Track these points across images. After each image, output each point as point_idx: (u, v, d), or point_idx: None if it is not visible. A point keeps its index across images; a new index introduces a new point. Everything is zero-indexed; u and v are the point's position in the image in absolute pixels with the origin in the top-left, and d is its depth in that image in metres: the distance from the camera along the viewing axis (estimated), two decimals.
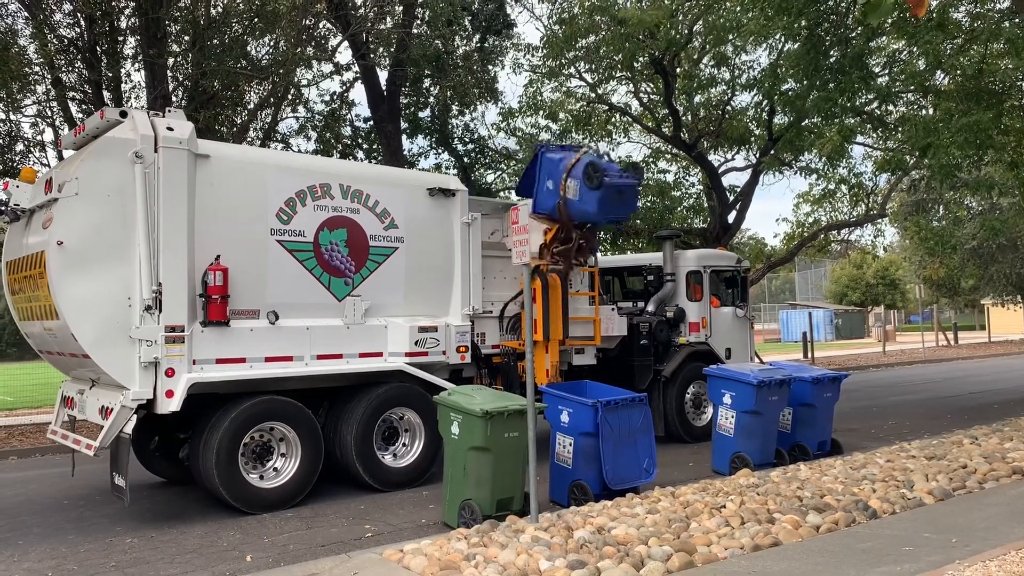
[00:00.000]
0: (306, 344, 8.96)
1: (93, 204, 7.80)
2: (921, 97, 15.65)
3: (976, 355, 32.59)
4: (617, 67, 19.89)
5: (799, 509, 7.14)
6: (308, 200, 9.11)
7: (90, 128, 8.53)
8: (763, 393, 9.59)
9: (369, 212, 9.60)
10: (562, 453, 8.30)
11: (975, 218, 26.24)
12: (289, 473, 8.68)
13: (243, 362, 8.51)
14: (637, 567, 5.72)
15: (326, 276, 9.21)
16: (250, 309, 8.65)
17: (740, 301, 13.79)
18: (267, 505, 8.46)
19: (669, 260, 13.18)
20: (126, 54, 15.24)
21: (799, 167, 22.33)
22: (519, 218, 7.59)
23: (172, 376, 8.00)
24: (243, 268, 8.54)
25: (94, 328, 7.76)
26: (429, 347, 9.68)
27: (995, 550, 5.79)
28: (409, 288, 9.91)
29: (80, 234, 7.73)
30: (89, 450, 8.09)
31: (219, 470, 8.18)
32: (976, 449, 9.84)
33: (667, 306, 12.97)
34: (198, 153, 8.41)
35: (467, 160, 22.27)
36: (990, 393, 18.61)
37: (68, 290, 7.67)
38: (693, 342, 12.88)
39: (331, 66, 18.88)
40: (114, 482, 7.93)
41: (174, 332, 8.02)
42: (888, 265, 50.89)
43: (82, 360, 8.11)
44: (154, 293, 7.93)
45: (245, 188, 8.71)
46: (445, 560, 5.98)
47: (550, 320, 10.69)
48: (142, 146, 7.98)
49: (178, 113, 8.63)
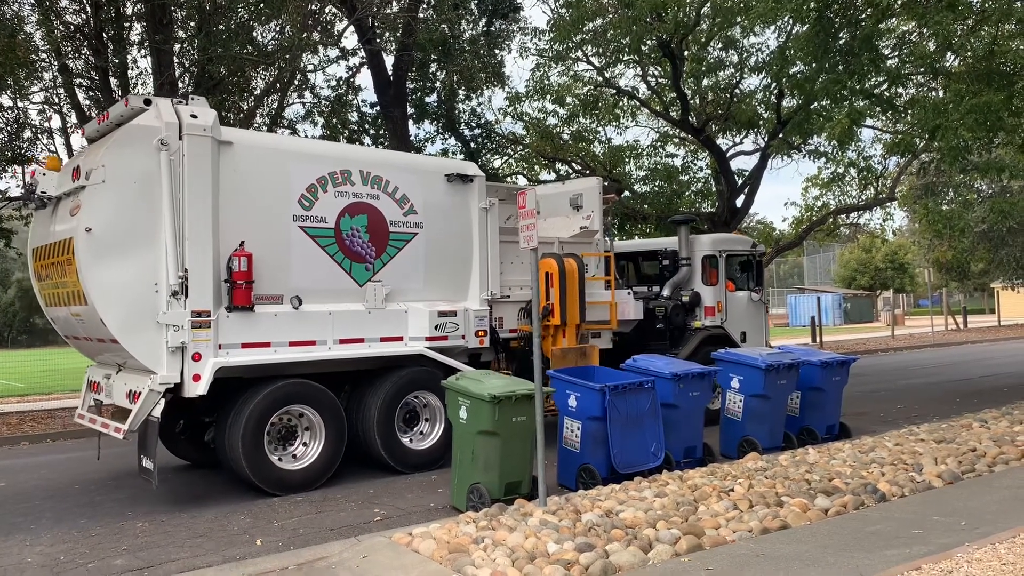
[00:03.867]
0: (328, 328, 9.06)
1: (120, 191, 7.90)
2: (931, 79, 15.51)
3: (985, 339, 32.46)
4: (624, 50, 19.75)
5: (807, 492, 7.13)
6: (329, 186, 9.20)
7: (114, 116, 8.60)
8: (771, 377, 9.58)
9: (389, 198, 9.69)
10: (570, 437, 8.31)
11: (985, 201, 26.08)
12: (313, 455, 8.82)
13: (268, 346, 8.62)
14: (645, 550, 5.74)
15: (347, 261, 9.32)
16: (274, 294, 8.77)
17: (755, 285, 13.83)
18: (292, 487, 8.59)
19: (684, 244, 13.22)
20: (132, 40, 15.23)
21: (808, 150, 22.20)
22: (526, 202, 7.56)
23: (199, 360, 8.12)
24: (266, 254, 8.66)
25: (122, 313, 7.88)
26: (449, 331, 9.81)
27: (1004, 532, 5.78)
28: (428, 273, 10.02)
29: (108, 221, 7.84)
30: (118, 433, 8.19)
31: (245, 452, 8.31)
32: (985, 432, 9.81)
33: (683, 290, 13.05)
34: (221, 140, 8.49)
35: (474, 145, 22.21)
36: (999, 377, 18.54)
37: (96, 276, 7.78)
38: (708, 326, 12.96)
39: (337, 51, 18.86)
40: (142, 464, 8.02)
41: (200, 317, 8.14)
42: (897, 249, 50.64)
43: (109, 345, 8.22)
44: (180, 279, 8.04)
45: (268, 175, 8.81)
46: (454, 543, 6.00)
47: (567, 304, 10.77)
48: (167, 134, 8.08)
49: (201, 101, 8.69)
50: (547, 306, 10.98)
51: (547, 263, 11.02)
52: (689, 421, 9.02)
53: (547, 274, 10.97)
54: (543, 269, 11.04)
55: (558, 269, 10.81)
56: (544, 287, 10.98)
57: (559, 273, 10.79)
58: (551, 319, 10.96)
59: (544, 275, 10.98)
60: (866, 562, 5.34)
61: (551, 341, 11.10)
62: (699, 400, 9.08)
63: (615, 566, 5.45)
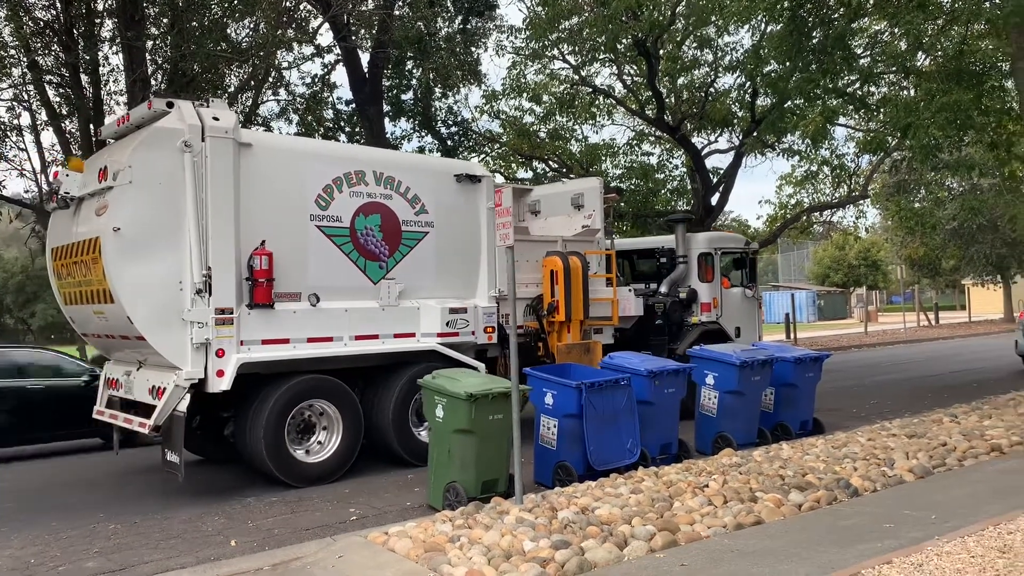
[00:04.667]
0: (345, 325, 9.28)
1: (146, 192, 8.06)
2: (903, 78, 15.70)
3: (956, 335, 32.90)
4: (600, 49, 19.82)
5: (781, 488, 7.20)
6: (344, 187, 9.42)
7: (134, 118, 8.73)
8: (746, 373, 9.64)
9: (401, 198, 9.92)
10: (546, 435, 8.33)
11: (955, 199, 26.44)
12: (332, 449, 9.05)
13: (287, 343, 8.84)
14: (621, 546, 5.76)
15: (362, 260, 9.54)
16: (293, 292, 8.97)
17: (749, 282, 14.19)
18: (311, 479, 8.82)
19: (681, 242, 13.48)
20: (103, 36, 15.05)
21: (782, 149, 22.37)
22: (503, 200, 7.57)
23: (222, 356, 8.32)
24: (285, 253, 8.85)
25: (148, 311, 8.05)
26: (460, 327, 10.04)
27: (974, 525, 5.87)
28: (439, 271, 10.24)
29: (134, 221, 8.00)
30: (143, 428, 8.41)
31: (268, 446, 8.53)
32: (956, 427, 9.95)
33: (680, 287, 13.29)
34: (242, 142, 8.68)
35: (451, 143, 22.19)
36: (970, 372, 18.81)
37: (124, 275, 7.95)
38: (705, 321, 13.24)
39: (312, 48, 18.71)
40: (166, 458, 8.24)
41: (223, 314, 8.34)
42: (870, 246, 51.15)
43: (135, 342, 8.38)
44: (204, 277, 8.23)
45: (286, 176, 9.03)
46: (430, 542, 6.00)
47: (572, 301, 11.03)
48: (190, 136, 8.26)
49: (220, 103, 8.95)
50: (552, 303, 11.18)
51: (552, 261, 11.21)
52: (665, 417, 9.06)
53: (552, 271, 11.19)
54: (548, 267, 11.27)
55: (563, 266, 11.10)
56: (549, 284, 11.23)
57: (563, 270, 11.09)
58: (556, 315, 11.24)
59: (549, 272, 11.24)
60: (839, 556, 5.40)
61: (556, 337, 11.32)
62: (674, 396, 9.13)
63: (591, 563, 5.47)
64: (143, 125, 8.56)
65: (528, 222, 13.20)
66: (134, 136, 8.52)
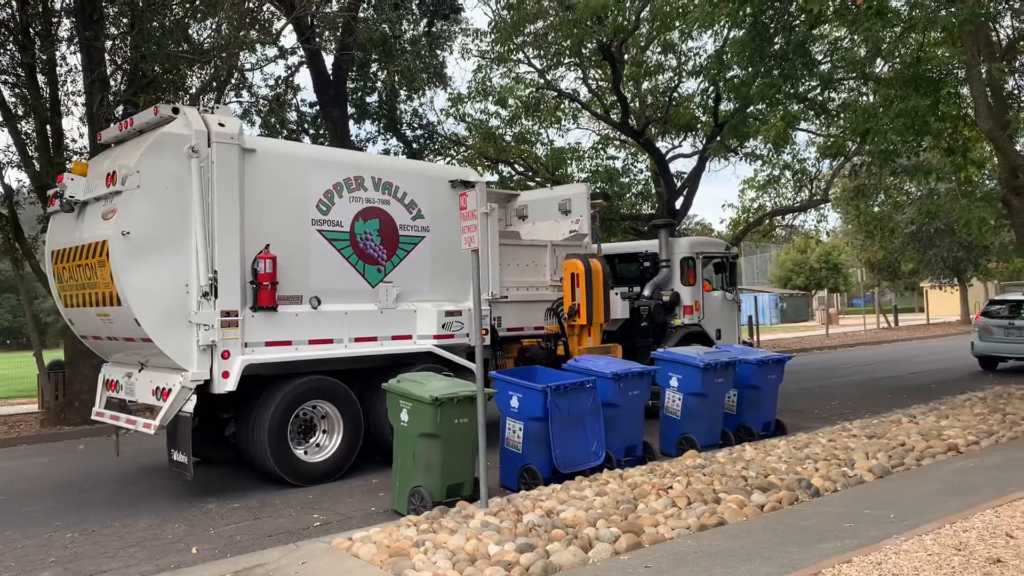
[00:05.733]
0: (345, 327, 9.50)
1: (153, 196, 8.19)
2: (862, 84, 15.96)
3: (915, 336, 33.50)
4: (565, 53, 19.90)
5: (744, 489, 7.27)
6: (344, 192, 9.64)
7: (138, 123, 8.83)
8: (709, 375, 9.73)
9: (399, 203, 10.17)
10: (512, 438, 8.32)
11: (913, 203, 26.92)
12: (332, 448, 9.24)
13: (289, 344, 9.04)
14: (585, 549, 5.78)
15: (361, 264, 9.77)
16: (294, 295, 9.15)
17: (729, 285, 14.49)
18: (313, 478, 8.99)
19: (664, 247, 13.67)
20: (61, 36, 14.75)
21: (744, 153, 22.67)
22: (467, 204, 7.55)
23: (228, 358, 8.48)
24: (288, 256, 9.02)
25: (156, 313, 8.19)
26: (455, 330, 10.28)
27: (931, 524, 5.98)
28: (435, 275, 10.50)
29: (142, 224, 8.12)
30: (147, 428, 8.51)
31: (271, 446, 8.69)
32: (914, 427, 10.13)
33: (663, 290, 13.47)
34: (246, 148, 8.85)
35: (416, 146, 22.10)
36: (928, 373, 19.16)
37: (131, 278, 8.06)
38: (687, 324, 13.46)
39: (275, 50, 18.53)
40: (173, 458, 8.36)
41: (229, 316, 8.50)
42: (831, 250, 51.89)
43: (140, 344, 8.49)
44: (210, 280, 8.38)
45: (288, 181, 9.21)
46: (394, 547, 5.96)
47: (594, 304, 11.24)
48: (197, 141, 8.41)
49: (226, 109, 9.33)
50: (573, 305, 11.23)
51: (573, 263, 11.28)
52: (630, 420, 9.09)
53: (573, 274, 11.22)
54: (569, 269, 11.30)
55: (584, 269, 11.19)
56: (570, 287, 11.35)
57: (585, 273, 11.18)
58: (577, 319, 11.35)
59: (570, 275, 11.27)
60: (800, 556, 5.46)
61: (576, 341, 11.35)
62: (639, 399, 9.17)
63: (555, 566, 5.48)
64: (146, 130, 8.71)
65: (516, 226, 13.30)
66: (140, 140, 8.62)
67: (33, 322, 17.10)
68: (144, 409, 8.82)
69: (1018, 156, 13.83)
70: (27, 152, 14.63)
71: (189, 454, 8.12)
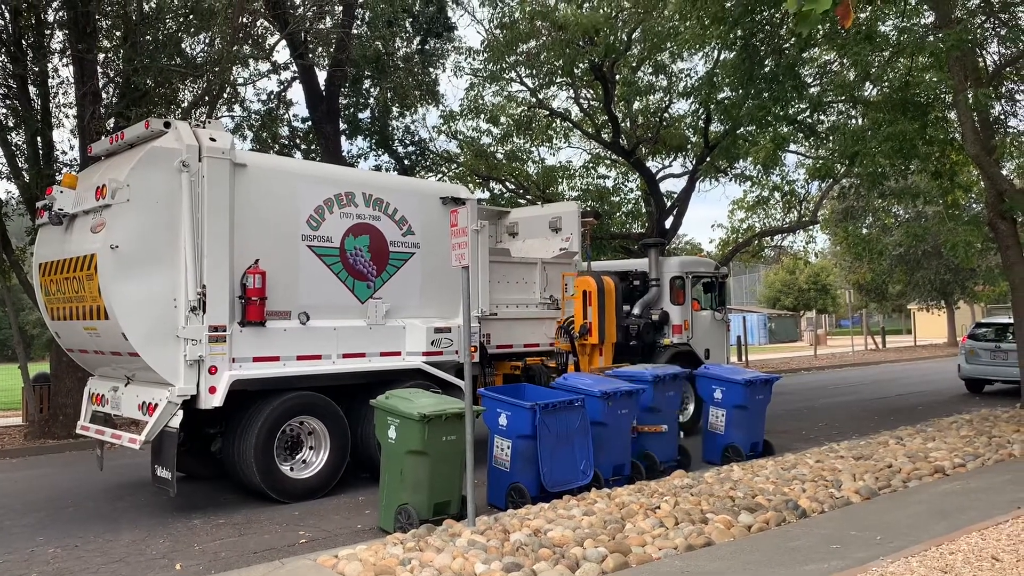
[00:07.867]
0: (333, 343, 9.48)
1: (143, 210, 8.16)
2: (851, 107, 16.09)
3: (903, 358, 33.61)
4: (558, 72, 20.03)
5: (731, 509, 7.26)
6: (335, 208, 9.63)
7: (129, 137, 8.86)
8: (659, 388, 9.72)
9: (389, 219, 10.16)
10: (500, 456, 8.30)
11: (901, 225, 27.13)
12: (319, 465, 9.18)
13: (277, 360, 8.99)
14: (572, 568, 5.76)
15: (351, 279, 9.75)
16: (283, 310, 9.11)
17: (718, 305, 14.51)
18: (299, 495, 8.91)
19: (654, 266, 13.72)
20: (53, 48, 14.74)
21: (734, 174, 22.80)
22: (458, 221, 7.56)
23: (215, 373, 8.44)
24: (277, 271, 9.00)
25: (143, 328, 8.13)
26: (444, 347, 10.25)
27: (917, 546, 5.98)
28: (424, 291, 10.49)
29: (131, 238, 8.09)
30: (133, 443, 8.42)
31: (257, 462, 8.62)
32: (901, 449, 10.16)
33: (652, 309, 13.49)
34: (237, 163, 8.83)
35: (408, 162, 22.14)
36: (915, 395, 19.22)
37: (120, 292, 8.02)
38: (676, 343, 13.51)
39: (268, 65, 18.55)
40: (156, 474, 8.27)
41: (217, 332, 8.47)
42: (820, 271, 52.18)
43: (127, 358, 8.42)
44: (199, 295, 8.35)
45: (279, 196, 9.19)
46: (380, 565, 5.92)
47: (606, 323, 11.26)
48: (188, 156, 8.40)
49: (218, 124, 9.25)
50: (585, 324, 11.17)
51: (585, 281, 11.22)
52: (618, 439, 9.09)
53: (585, 292, 11.12)
54: (580, 287, 11.20)
55: (596, 288, 11.10)
56: (582, 306, 11.34)
57: (597, 291, 11.12)
58: (589, 338, 11.29)
59: (582, 293, 11.17)
60: None
61: (588, 360, 11.28)
62: (627, 418, 9.16)
63: None
64: (136, 144, 8.69)
65: (506, 243, 13.32)
66: (130, 154, 8.60)
67: (19, 334, 16.99)
68: (129, 423, 8.76)
69: (1004, 180, 13.97)
70: (17, 163, 14.58)
71: (173, 470, 8.04)
